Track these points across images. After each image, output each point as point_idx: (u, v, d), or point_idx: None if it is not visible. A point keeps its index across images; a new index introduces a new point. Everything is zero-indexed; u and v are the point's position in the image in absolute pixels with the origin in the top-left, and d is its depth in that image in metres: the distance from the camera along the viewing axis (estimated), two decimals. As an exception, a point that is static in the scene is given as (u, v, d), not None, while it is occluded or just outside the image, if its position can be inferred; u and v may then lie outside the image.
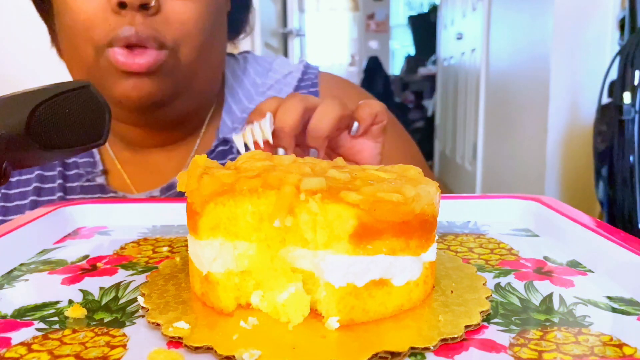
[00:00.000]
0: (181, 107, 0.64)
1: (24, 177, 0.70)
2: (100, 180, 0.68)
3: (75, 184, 0.69)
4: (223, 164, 0.34)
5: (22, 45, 1.53)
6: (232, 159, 0.67)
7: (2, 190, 0.69)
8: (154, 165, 0.70)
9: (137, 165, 0.71)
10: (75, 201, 0.53)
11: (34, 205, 0.68)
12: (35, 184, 0.69)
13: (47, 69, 0.86)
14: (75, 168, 0.69)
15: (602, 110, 1.35)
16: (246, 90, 0.74)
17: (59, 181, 0.69)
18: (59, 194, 0.68)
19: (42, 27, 0.69)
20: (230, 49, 0.75)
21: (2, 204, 0.69)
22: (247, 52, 0.81)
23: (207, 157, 0.33)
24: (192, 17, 0.58)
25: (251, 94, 0.74)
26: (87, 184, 0.68)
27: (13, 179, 0.70)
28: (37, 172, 0.70)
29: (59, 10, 0.60)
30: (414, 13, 5.90)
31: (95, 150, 0.70)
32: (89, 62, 0.59)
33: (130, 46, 0.56)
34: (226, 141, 0.68)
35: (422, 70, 4.96)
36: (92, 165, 0.69)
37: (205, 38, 0.61)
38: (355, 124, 0.51)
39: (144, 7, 0.56)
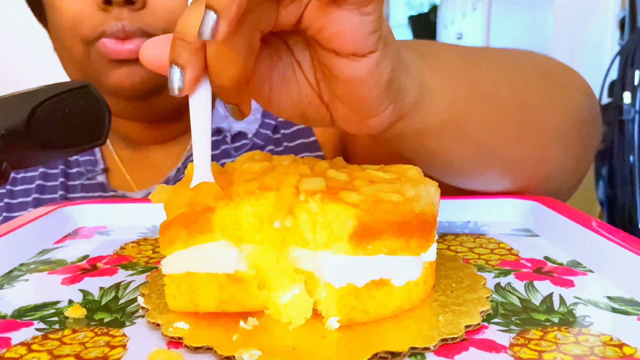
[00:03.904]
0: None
1: (28, 174, 0.71)
2: (100, 178, 0.69)
3: (76, 182, 0.69)
4: (215, 155, 0.32)
5: (22, 45, 1.53)
6: (225, 150, 0.67)
7: (7, 187, 0.70)
8: (153, 162, 0.71)
9: (137, 163, 0.71)
10: (75, 201, 0.53)
11: (37, 202, 0.68)
12: (38, 182, 0.69)
13: (47, 69, 0.86)
14: (77, 166, 0.70)
15: (602, 110, 1.35)
16: None
17: (61, 179, 0.69)
18: (61, 192, 0.68)
19: (41, 27, 0.69)
20: None
21: (6, 200, 0.70)
22: None
23: None
24: (179, 5, 0.59)
25: None
26: (87, 182, 0.69)
27: (18, 176, 0.71)
28: (40, 170, 0.70)
29: (48, 11, 0.62)
30: (414, 13, 5.88)
31: (96, 149, 0.70)
32: (80, 57, 0.60)
33: (118, 39, 0.57)
34: (219, 130, 0.68)
35: (422, 70, 4.96)
36: (93, 163, 0.69)
37: None
38: None
39: (129, 2, 0.56)
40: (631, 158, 1.19)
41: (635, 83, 1.19)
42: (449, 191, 0.50)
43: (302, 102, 0.34)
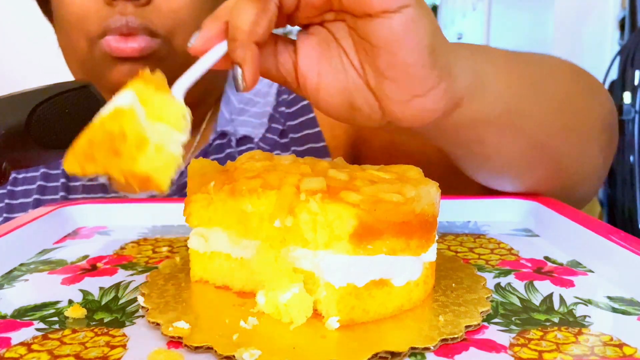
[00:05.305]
0: None
1: (30, 174, 0.70)
2: (102, 179, 0.68)
3: (77, 183, 0.69)
4: (220, 159, 0.33)
5: (21, 45, 1.53)
6: (230, 153, 0.67)
7: (8, 188, 0.70)
8: None
9: None
10: (75, 201, 0.53)
11: (38, 203, 0.68)
12: (39, 183, 0.69)
13: (47, 69, 0.86)
14: None
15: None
16: None
17: (62, 180, 0.69)
18: (62, 193, 0.68)
19: (42, 27, 0.69)
20: None
21: (7, 201, 0.69)
22: None
23: (206, 150, 0.33)
24: (184, 5, 0.59)
25: None
26: (89, 183, 0.68)
27: (19, 176, 0.70)
28: (42, 171, 0.70)
29: (54, 5, 0.62)
30: (414, 13, 5.87)
31: None
32: (83, 54, 0.60)
33: (122, 35, 0.57)
34: (224, 134, 0.68)
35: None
36: None
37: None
38: None
39: None
40: (631, 158, 1.19)
41: (635, 83, 1.19)
42: (449, 191, 0.50)
43: (350, 89, 0.35)
